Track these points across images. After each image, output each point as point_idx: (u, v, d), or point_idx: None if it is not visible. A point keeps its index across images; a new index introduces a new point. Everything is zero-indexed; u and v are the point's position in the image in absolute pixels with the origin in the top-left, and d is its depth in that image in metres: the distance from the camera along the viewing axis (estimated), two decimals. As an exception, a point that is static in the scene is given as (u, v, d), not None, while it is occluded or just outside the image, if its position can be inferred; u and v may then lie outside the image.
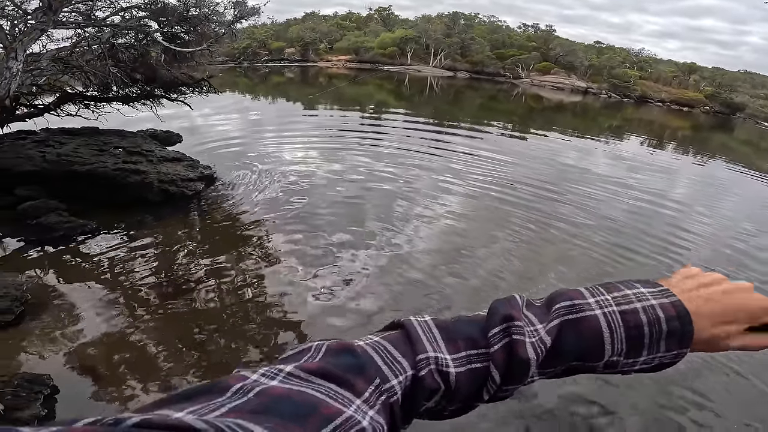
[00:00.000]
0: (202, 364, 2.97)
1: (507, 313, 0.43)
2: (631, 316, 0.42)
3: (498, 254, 4.91)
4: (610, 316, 0.42)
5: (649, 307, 0.42)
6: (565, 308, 0.43)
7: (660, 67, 43.47)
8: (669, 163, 12.74)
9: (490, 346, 0.42)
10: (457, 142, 10.86)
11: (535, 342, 0.42)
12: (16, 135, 5.84)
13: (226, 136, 9.31)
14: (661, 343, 0.41)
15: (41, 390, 2.58)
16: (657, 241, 5.73)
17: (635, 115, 27.59)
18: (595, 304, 0.43)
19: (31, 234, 4.35)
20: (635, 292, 0.43)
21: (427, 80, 31.70)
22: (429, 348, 0.41)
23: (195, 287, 3.81)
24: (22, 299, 3.27)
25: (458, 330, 0.44)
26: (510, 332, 0.42)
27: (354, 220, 5.45)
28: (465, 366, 0.41)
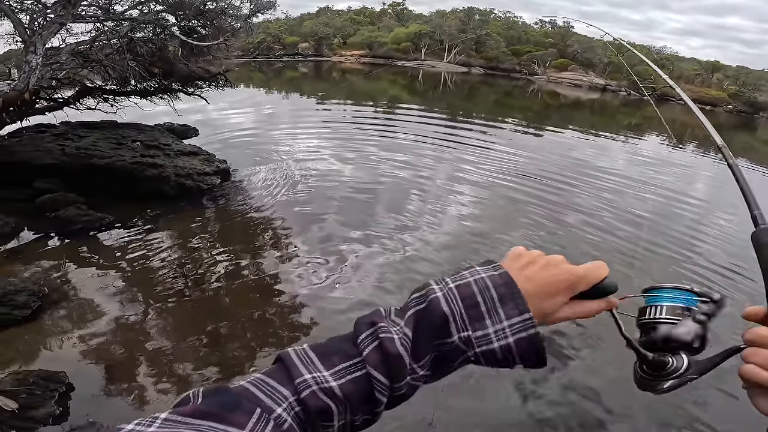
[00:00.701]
0: (216, 360, 2.94)
1: (371, 320, 0.46)
2: (464, 288, 0.46)
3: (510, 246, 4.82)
4: (447, 293, 0.46)
5: (479, 279, 0.46)
6: (415, 300, 0.47)
7: (682, 65, 42.31)
8: (689, 161, 12.38)
9: (361, 352, 0.44)
10: (470, 137, 10.75)
11: (401, 337, 0.44)
12: (35, 128, 5.90)
13: (240, 130, 9.32)
14: (498, 309, 0.45)
15: (56, 388, 2.55)
16: (673, 241, 5.57)
17: (655, 113, 26.87)
18: (437, 288, 0.47)
19: (50, 227, 4.37)
20: (470, 271, 0.48)
21: (441, 76, 31.39)
22: (305, 371, 0.43)
23: (209, 282, 3.80)
24: (39, 293, 3.27)
25: (331, 347, 0.46)
26: (377, 334, 0.45)
27: (368, 213, 5.42)
28: (344, 377, 0.43)
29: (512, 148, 10.02)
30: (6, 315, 3.04)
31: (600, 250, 5.03)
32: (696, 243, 5.66)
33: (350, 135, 9.74)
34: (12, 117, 5.21)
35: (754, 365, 0.45)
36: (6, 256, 3.90)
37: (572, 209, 6.31)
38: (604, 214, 6.23)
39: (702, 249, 5.48)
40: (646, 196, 7.54)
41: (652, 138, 16.36)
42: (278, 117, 11.41)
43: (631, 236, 5.52)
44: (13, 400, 2.41)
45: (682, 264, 4.95)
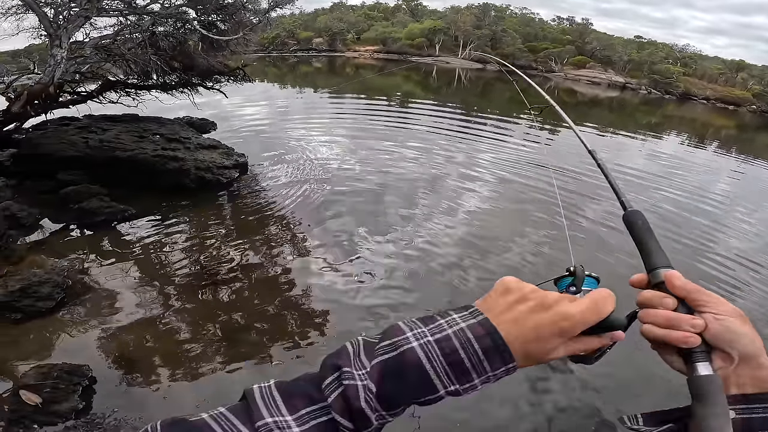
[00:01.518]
0: (232, 352, 2.94)
1: (336, 363, 0.43)
2: (445, 342, 0.42)
3: (524, 244, 4.82)
4: (426, 347, 0.42)
5: (459, 331, 0.42)
6: (385, 347, 0.43)
7: (705, 64, 41.02)
8: (710, 162, 12.04)
9: (326, 398, 0.42)
10: (484, 133, 10.65)
11: (364, 386, 0.41)
12: (59, 121, 5.99)
13: (257, 124, 9.37)
14: (484, 363, 0.41)
15: (80, 382, 2.53)
16: (688, 241, 5.42)
17: (677, 113, 26.22)
18: (412, 336, 0.43)
19: (73, 218, 4.42)
20: (447, 320, 0.44)
21: (455, 72, 31.08)
22: (266, 414, 0.41)
23: (227, 275, 3.81)
24: (63, 285, 3.29)
25: (296, 389, 0.44)
26: (341, 380, 0.42)
27: (381, 208, 5.42)
28: (308, 423, 0.41)
29: (526, 144, 9.88)
30: (30, 307, 3.06)
31: (607, 248, 4.90)
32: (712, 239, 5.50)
33: (364, 130, 9.71)
34: (36, 110, 5.30)
35: (650, 324, 0.49)
36: (30, 247, 3.95)
37: (586, 207, 6.18)
38: (616, 212, 6.07)
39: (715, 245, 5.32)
40: (664, 194, 7.35)
41: (672, 137, 15.92)
42: (293, 111, 11.44)
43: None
44: (37, 394, 2.40)
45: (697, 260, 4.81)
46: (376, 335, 0.46)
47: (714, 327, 0.47)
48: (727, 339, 0.47)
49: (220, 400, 2.38)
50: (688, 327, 0.47)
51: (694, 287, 0.49)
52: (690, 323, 0.47)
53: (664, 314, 0.49)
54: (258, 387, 0.44)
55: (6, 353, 2.76)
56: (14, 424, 2.30)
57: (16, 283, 3.15)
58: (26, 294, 3.10)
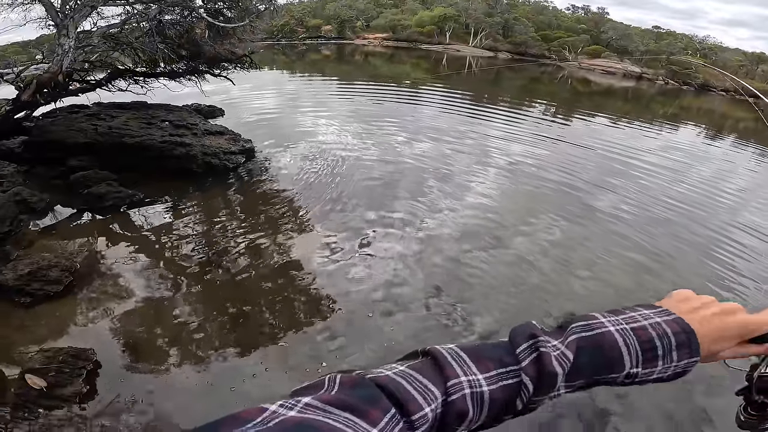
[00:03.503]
0: (237, 338, 2.96)
1: (531, 332, 0.47)
2: (642, 331, 0.47)
3: (535, 235, 4.76)
4: (623, 332, 0.47)
5: (656, 324, 0.48)
6: (580, 327, 0.48)
7: (726, 56, 39.63)
8: (727, 153, 11.72)
9: (519, 362, 0.45)
10: (494, 121, 10.49)
11: (558, 355, 0.45)
12: (69, 109, 6.06)
13: (264, 111, 9.35)
14: (673, 353, 0.46)
15: (84, 366, 2.54)
16: (703, 237, 5.32)
17: (694, 104, 25.50)
18: (607, 323, 0.48)
19: (82, 203, 4.49)
20: (639, 314, 0.49)
21: (466, 60, 30.57)
22: (460, 372, 0.43)
23: (233, 260, 3.84)
24: (71, 269, 3.32)
25: (486, 351, 0.46)
26: (537, 347, 0.45)
27: (389, 194, 5.41)
28: (497, 383, 0.44)
29: (537, 133, 9.71)
30: (39, 290, 3.10)
31: (618, 244, 4.83)
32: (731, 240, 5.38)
33: (372, 117, 9.64)
34: (46, 98, 5.36)
35: None
36: (40, 231, 4.03)
37: (597, 198, 6.10)
38: (628, 205, 5.98)
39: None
40: (677, 187, 7.19)
41: (688, 128, 15.51)
42: (301, 99, 11.38)
43: (657, 233, 5.28)
44: (42, 378, 2.41)
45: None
46: (561, 323, 0.50)
47: None
48: None
49: (225, 384, 2.37)
50: None
51: None
52: None
53: None
54: (443, 348, 0.46)
55: (15, 337, 2.80)
56: (19, 409, 2.31)
57: (26, 266, 3.22)
58: (35, 278, 3.15)
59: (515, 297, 3.71)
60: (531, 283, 3.93)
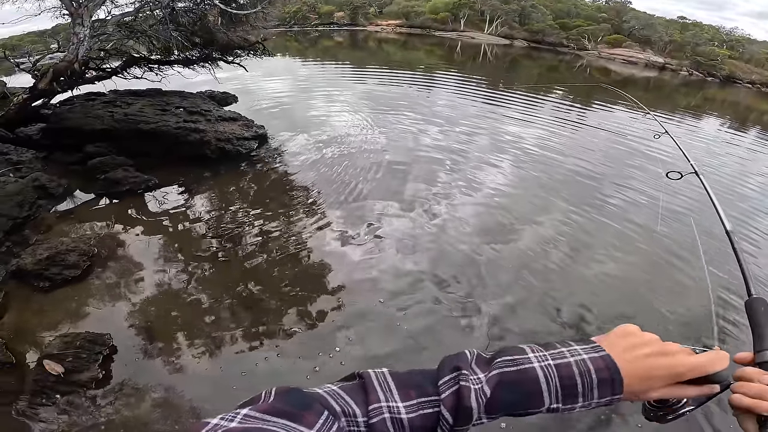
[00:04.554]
0: (252, 325, 2.98)
1: (456, 364, 0.49)
2: (565, 369, 0.48)
3: (551, 224, 4.70)
4: (546, 369, 0.48)
5: (581, 361, 0.49)
6: (506, 362, 0.49)
7: (754, 48, 38.03)
8: (751, 146, 11.32)
9: (440, 393, 0.47)
10: (509, 109, 10.28)
11: (477, 389, 0.47)
12: (85, 96, 6.14)
13: (277, 97, 9.33)
14: (594, 391, 0.48)
15: (101, 351, 2.56)
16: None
17: (719, 95, 24.60)
18: (534, 358, 0.49)
19: (100, 188, 4.57)
20: (569, 349, 0.50)
21: (480, 47, 29.92)
22: (382, 397, 0.46)
23: (246, 245, 3.87)
24: (89, 253, 3.38)
25: (411, 380, 0.49)
26: (458, 380, 0.47)
27: (401, 182, 5.38)
28: (416, 412, 0.46)
29: (553, 121, 9.51)
30: (58, 275, 3.16)
31: (633, 235, 4.71)
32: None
33: (385, 104, 9.54)
34: (63, 86, 5.41)
35: (741, 394, 0.53)
36: (58, 216, 4.10)
37: (611, 193, 5.94)
38: (644, 202, 5.80)
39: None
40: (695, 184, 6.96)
41: (712, 120, 15.01)
42: (314, 85, 11.31)
43: (674, 225, 5.14)
44: (60, 364, 2.44)
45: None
46: (489, 352, 0.52)
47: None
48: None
49: (239, 369, 2.39)
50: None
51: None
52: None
53: (758, 387, 0.53)
54: (373, 372, 0.49)
55: (34, 322, 2.85)
56: (37, 395, 2.32)
57: (44, 251, 3.28)
58: (54, 262, 3.21)
59: (526, 286, 3.68)
60: (543, 272, 3.88)
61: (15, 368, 2.48)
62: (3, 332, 2.71)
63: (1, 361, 2.47)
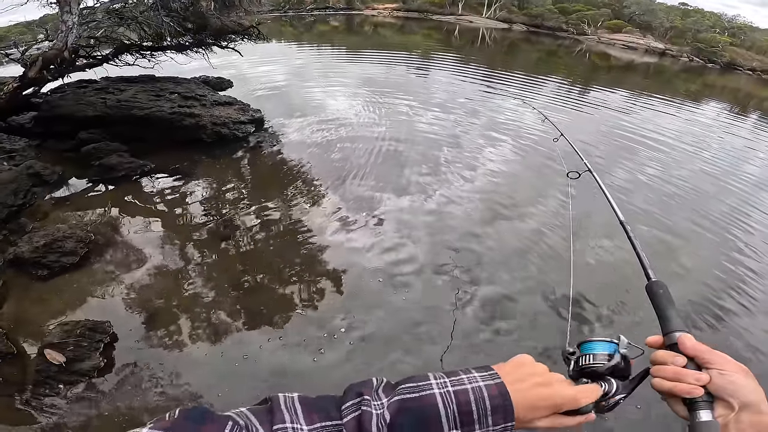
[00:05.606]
0: (251, 309, 2.98)
1: (360, 390, 0.51)
2: (462, 395, 0.50)
3: (547, 208, 4.74)
4: (444, 395, 0.50)
5: (477, 388, 0.51)
6: (408, 388, 0.51)
7: (756, 36, 37.68)
8: (750, 132, 11.31)
9: (342, 418, 0.48)
10: (508, 94, 10.24)
11: (379, 414, 0.48)
12: (77, 84, 6.05)
13: (273, 82, 9.20)
14: (489, 418, 0.50)
15: (102, 339, 2.55)
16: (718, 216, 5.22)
17: (719, 82, 24.42)
18: (435, 384, 0.51)
19: (95, 174, 4.53)
20: (468, 376, 0.53)
21: (479, 31, 29.48)
22: (287, 419, 0.47)
23: (244, 229, 3.86)
24: (86, 240, 3.37)
25: (317, 404, 0.50)
26: (360, 406, 0.49)
27: (399, 166, 5.37)
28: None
29: (553, 105, 9.45)
30: (55, 263, 3.15)
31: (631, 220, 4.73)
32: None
33: (382, 88, 9.45)
34: (53, 74, 5.33)
35: (660, 378, 0.57)
36: (54, 203, 4.08)
37: (611, 173, 5.98)
38: (642, 187, 5.82)
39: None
40: (693, 169, 6.99)
41: (710, 107, 14.94)
42: (310, 70, 11.16)
43: (672, 211, 5.17)
44: (61, 353, 2.42)
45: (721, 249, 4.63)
46: (400, 379, 0.54)
47: (717, 380, 0.54)
48: (729, 390, 0.53)
49: (241, 353, 2.42)
50: (692, 380, 0.55)
51: (703, 348, 0.57)
52: (694, 377, 0.55)
53: (672, 369, 0.57)
54: (282, 395, 0.50)
55: (34, 311, 2.84)
56: (40, 385, 2.30)
57: (41, 239, 3.27)
58: (51, 250, 3.20)
59: (524, 269, 3.71)
60: (541, 257, 3.91)
61: (17, 358, 2.47)
62: (3, 322, 2.70)
63: (2, 352, 2.46)
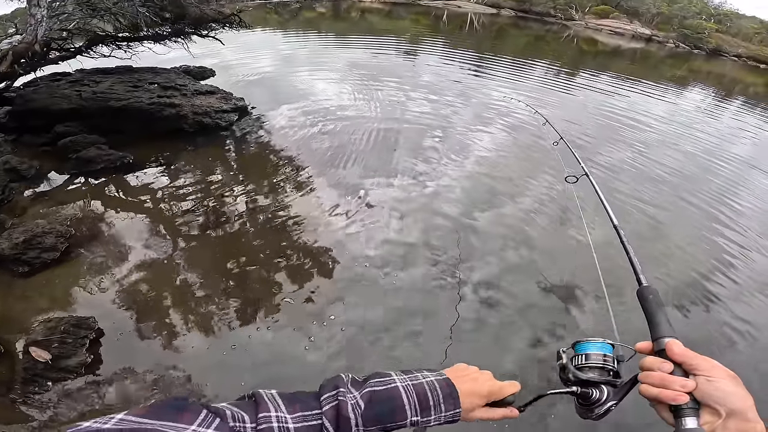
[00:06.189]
0: (240, 299, 2.97)
1: (336, 384, 0.58)
2: (419, 386, 0.62)
3: (535, 192, 4.83)
4: (406, 388, 0.61)
5: (430, 382, 0.63)
6: (376, 382, 0.60)
7: (742, 23, 37.96)
8: (734, 116, 11.53)
9: (321, 407, 0.55)
10: (495, 79, 10.27)
11: (353, 404, 0.56)
12: (50, 77, 5.92)
13: (258, 71, 9.06)
14: (442, 404, 0.61)
15: (87, 335, 2.50)
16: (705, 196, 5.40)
17: (704, 67, 24.61)
18: (397, 380, 0.62)
19: (72, 168, 4.44)
20: (422, 374, 0.64)
21: (467, 16, 29.18)
22: (271, 408, 0.52)
23: (230, 218, 3.83)
24: (66, 235, 3.32)
25: (297, 397, 0.56)
26: (337, 396, 0.56)
27: (387, 152, 5.38)
28: (302, 423, 0.52)
29: (539, 92, 9.50)
30: (36, 259, 3.11)
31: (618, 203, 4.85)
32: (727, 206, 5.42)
33: (370, 74, 9.39)
34: (25, 68, 5.20)
35: (647, 385, 0.57)
36: (32, 198, 4.00)
37: (598, 155, 6.08)
38: (626, 168, 5.95)
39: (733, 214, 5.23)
40: (676, 152, 7.12)
41: (696, 91, 15.12)
42: (296, 57, 10.98)
43: (657, 192, 5.29)
44: (46, 350, 2.38)
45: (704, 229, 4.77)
46: (362, 376, 0.63)
47: (704, 387, 0.54)
48: (715, 397, 0.53)
49: (230, 343, 2.44)
50: (678, 387, 0.55)
51: (691, 354, 0.57)
52: (680, 384, 0.55)
53: (659, 375, 0.57)
54: (263, 391, 0.56)
55: (18, 308, 2.79)
56: (29, 383, 2.28)
57: (20, 234, 3.22)
58: (31, 246, 3.15)
59: (511, 253, 3.77)
60: (528, 240, 3.99)
61: (3, 357, 2.44)
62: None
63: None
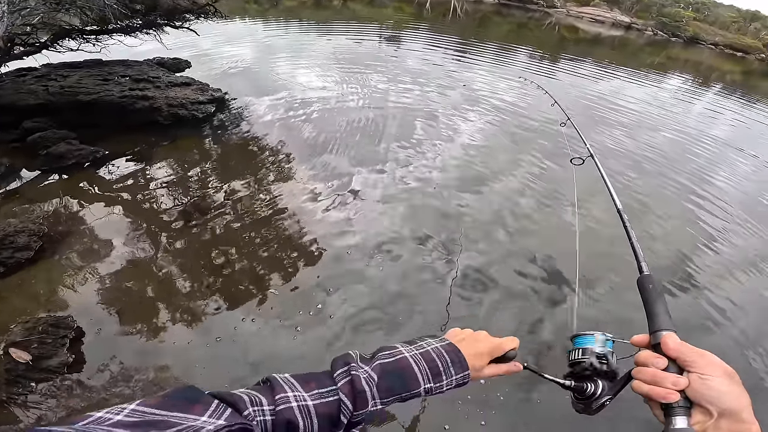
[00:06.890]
0: (223, 292, 2.96)
1: (346, 360, 0.60)
2: (426, 354, 0.64)
3: (521, 177, 4.93)
4: (414, 357, 0.63)
5: (435, 348, 0.66)
6: (384, 355, 0.63)
7: (719, 11, 38.64)
8: (711, 101, 11.84)
9: (336, 383, 0.57)
10: (479, 66, 10.38)
11: (366, 377, 0.58)
12: (15, 73, 5.76)
13: (237, 61, 8.89)
14: (451, 369, 0.64)
15: (66, 334, 2.48)
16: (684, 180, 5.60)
17: (682, 55, 25.02)
18: (404, 350, 0.64)
19: (43, 164, 4.36)
20: (425, 342, 0.67)
21: (450, 4, 28.97)
22: (288, 389, 0.54)
23: (212, 210, 3.79)
24: (39, 233, 3.27)
25: (309, 377, 0.58)
26: (349, 371, 0.58)
27: (371, 141, 5.39)
28: (319, 399, 0.55)
29: (521, 79, 9.60)
30: (9, 258, 3.04)
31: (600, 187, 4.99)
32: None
33: (353, 63, 9.33)
34: (-14, 66, 5.04)
35: (640, 381, 0.55)
36: (3, 196, 3.92)
37: (580, 141, 6.19)
38: (609, 154, 6.11)
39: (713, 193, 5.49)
40: (657, 135, 7.31)
41: (674, 78, 15.42)
42: (277, 47, 10.77)
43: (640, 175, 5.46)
44: (26, 351, 2.36)
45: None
46: (374, 351, 0.66)
47: (696, 385, 0.51)
48: (708, 396, 0.50)
49: (211, 338, 2.47)
50: (669, 385, 0.52)
51: (687, 349, 0.54)
52: (671, 381, 0.52)
53: (651, 372, 0.54)
54: (277, 375, 0.58)
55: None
56: (12, 385, 2.27)
57: (-9, 234, 3.19)
58: (3, 246, 3.08)
59: (500, 237, 3.85)
60: (516, 223, 4.08)
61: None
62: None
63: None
